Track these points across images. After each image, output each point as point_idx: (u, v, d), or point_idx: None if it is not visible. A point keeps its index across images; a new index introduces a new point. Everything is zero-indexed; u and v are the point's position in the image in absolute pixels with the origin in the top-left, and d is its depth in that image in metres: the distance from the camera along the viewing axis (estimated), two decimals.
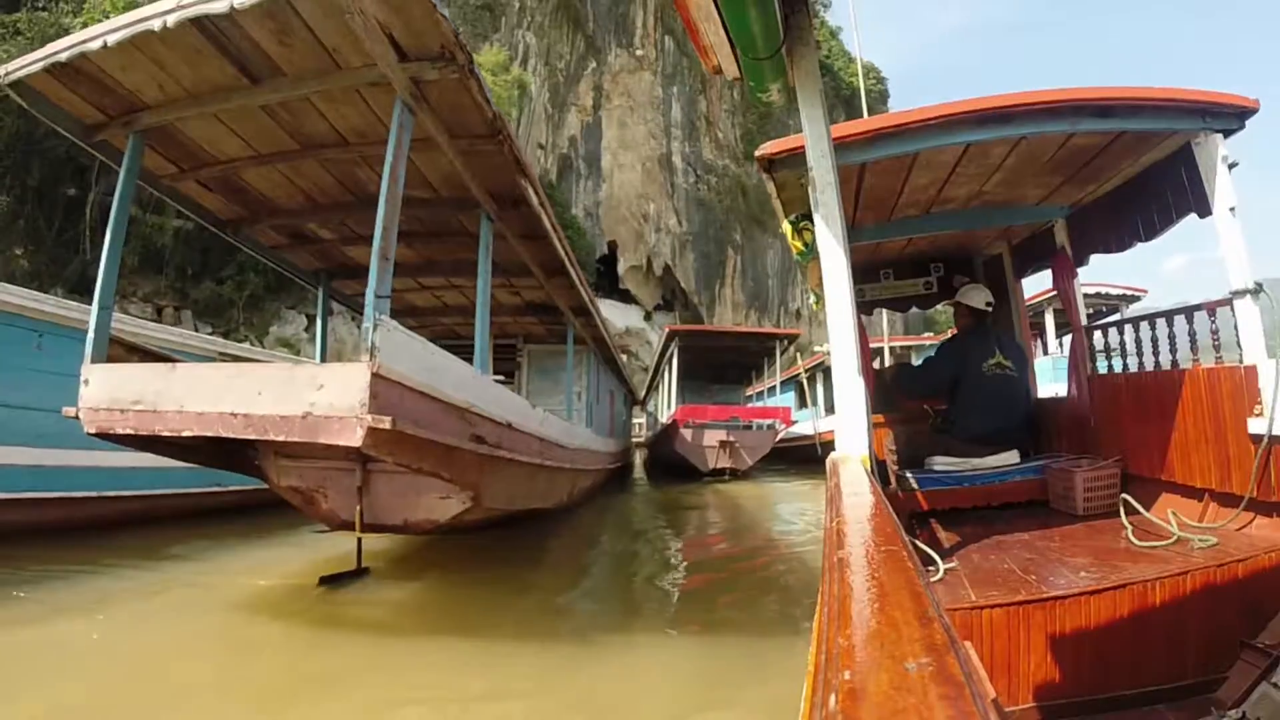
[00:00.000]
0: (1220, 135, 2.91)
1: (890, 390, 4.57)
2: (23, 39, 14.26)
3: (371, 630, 3.41)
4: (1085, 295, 9.73)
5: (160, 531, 5.48)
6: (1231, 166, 2.91)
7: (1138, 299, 11.89)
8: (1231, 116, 2.91)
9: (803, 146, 2.22)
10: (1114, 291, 11.68)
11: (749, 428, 12.61)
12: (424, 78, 3.28)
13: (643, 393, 18.94)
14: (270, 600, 3.79)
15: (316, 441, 2.87)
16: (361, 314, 7.72)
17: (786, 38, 2.14)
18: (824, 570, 0.88)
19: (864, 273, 5.05)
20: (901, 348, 14.55)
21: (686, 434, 12.06)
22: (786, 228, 3.33)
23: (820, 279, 2.19)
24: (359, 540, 4.14)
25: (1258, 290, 2.82)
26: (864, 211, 3.93)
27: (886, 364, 10.04)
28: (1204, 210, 2.99)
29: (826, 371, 14.89)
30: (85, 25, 13.92)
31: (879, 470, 2.57)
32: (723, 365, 16.39)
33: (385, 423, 2.77)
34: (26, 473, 4.81)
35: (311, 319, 18.90)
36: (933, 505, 3.55)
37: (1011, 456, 3.79)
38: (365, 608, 3.78)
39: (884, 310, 6.26)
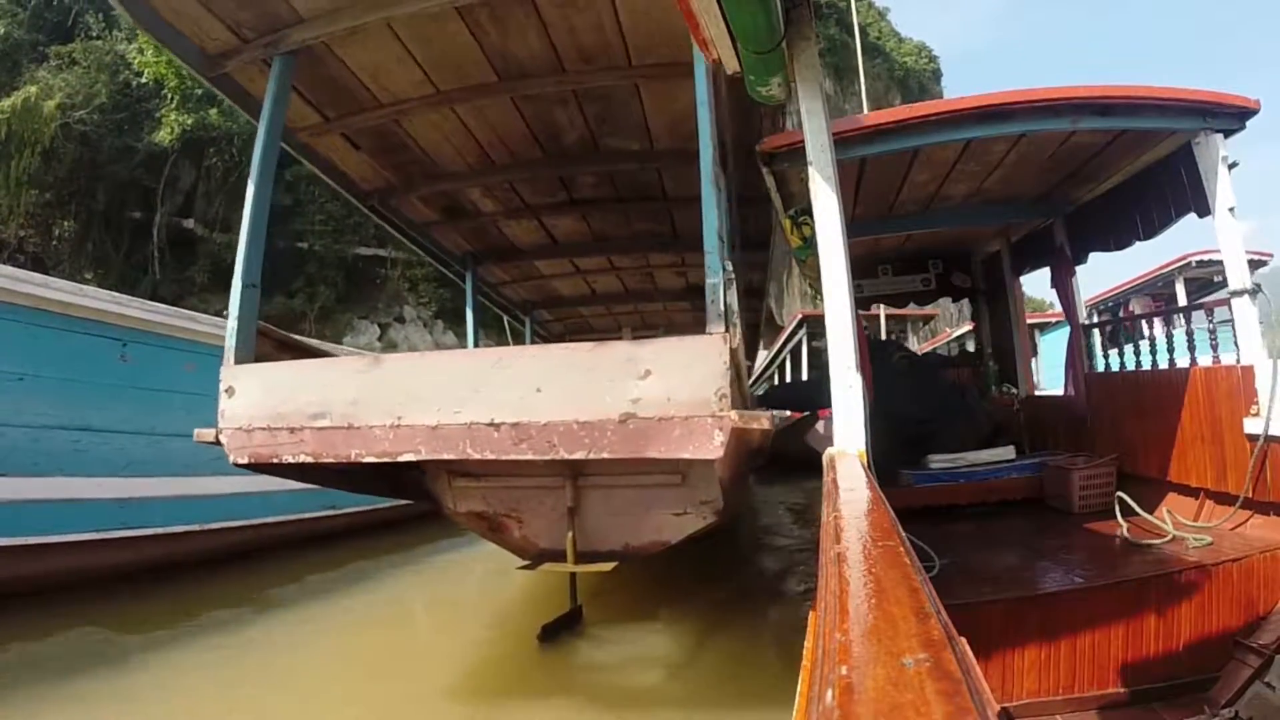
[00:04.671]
0: (1220, 135, 2.91)
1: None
2: (79, 68, 14.48)
3: (650, 706, 2.59)
4: (1202, 263, 9.04)
5: (282, 564, 4.70)
6: (1231, 167, 2.90)
7: (1264, 264, 9.84)
8: (1232, 117, 2.91)
9: (802, 141, 2.21)
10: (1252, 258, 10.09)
11: None
12: None
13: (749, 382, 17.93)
14: (496, 667, 2.96)
15: (642, 456, 2.02)
16: (501, 308, 7.11)
17: (787, 31, 2.12)
18: (821, 566, 0.87)
19: (863, 268, 5.05)
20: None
21: (820, 426, 11.05)
22: (785, 222, 3.32)
23: (819, 274, 2.19)
24: (573, 576, 3.29)
25: (1256, 291, 2.82)
26: (863, 207, 3.92)
27: None
28: (1203, 210, 2.98)
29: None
30: (141, 51, 14.13)
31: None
32: None
33: (763, 421, 1.99)
34: (115, 507, 4.03)
35: (384, 328, 18.85)
36: (930, 502, 3.56)
37: (1008, 452, 3.80)
38: (610, 674, 2.93)
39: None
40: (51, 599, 3.58)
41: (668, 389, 2.00)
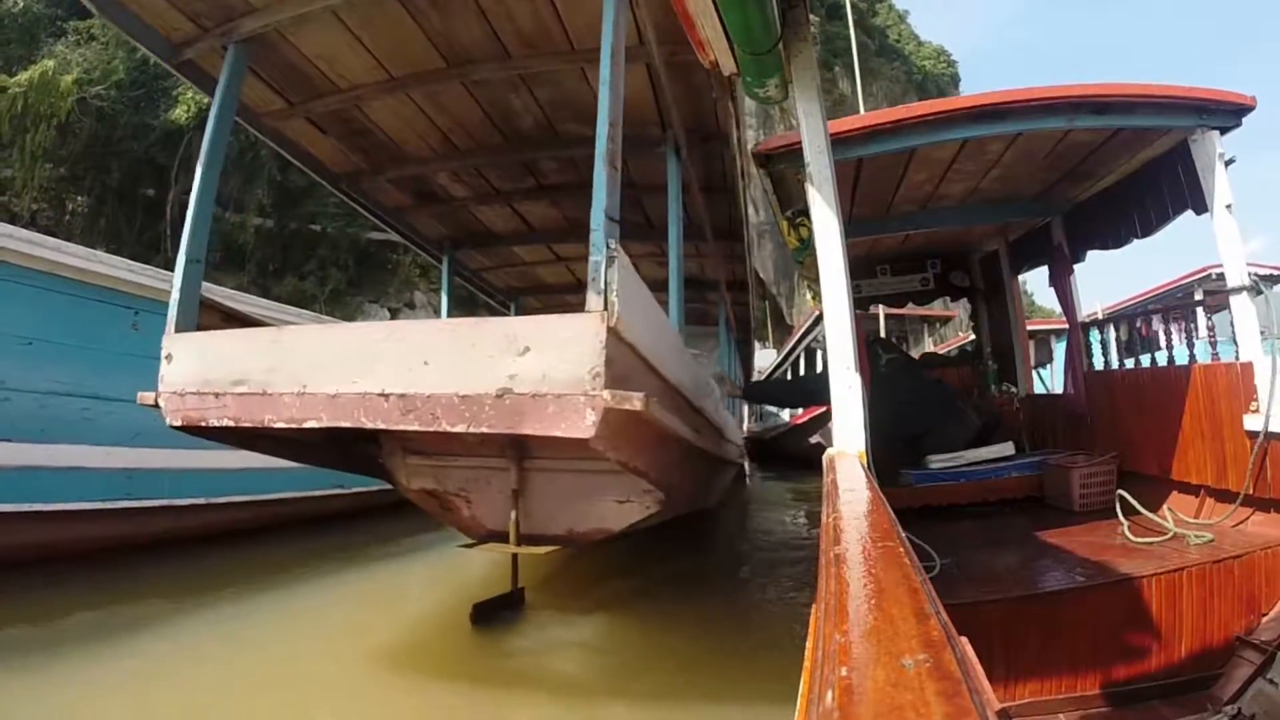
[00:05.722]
0: (1217, 133, 2.91)
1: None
2: (98, 44, 14.53)
3: (562, 692, 2.54)
4: (1223, 275, 8.66)
5: (275, 544, 4.66)
6: (1229, 163, 2.91)
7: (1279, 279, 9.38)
8: (1228, 114, 2.92)
9: (800, 142, 2.21)
10: (1262, 271, 8.75)
11: None
12: None
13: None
14: (418, 644, 2.97)
15: (517, 432, 2.05)
16: (487, 294, 7.17)
17: (784, 32, 2.13)
18: (821, 566, 0.87)
19: (861, 268, 5.05)
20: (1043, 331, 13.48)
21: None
22: (783, 223, 3.32)
23: (817, 274, 2.18)
24: (514, 558, 3.31)
25: (1254, 287, 2.82)
26: (861, 207, 3.93)
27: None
28: (1201, 207, 2.99)
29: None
30: None
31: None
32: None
33: (634, 402, 1.89)
34: (121, 477, 4.01)
35: (394, 313, 18.72)
36: (930, 501, 3.56)
37: (1006, 448, 3.79)
38: (541, 656, 2.90)
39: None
40: (48, 571, 3.59)
41: (544, 366, 2.01)
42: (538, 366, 2.01)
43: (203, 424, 2.54)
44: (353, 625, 3.22)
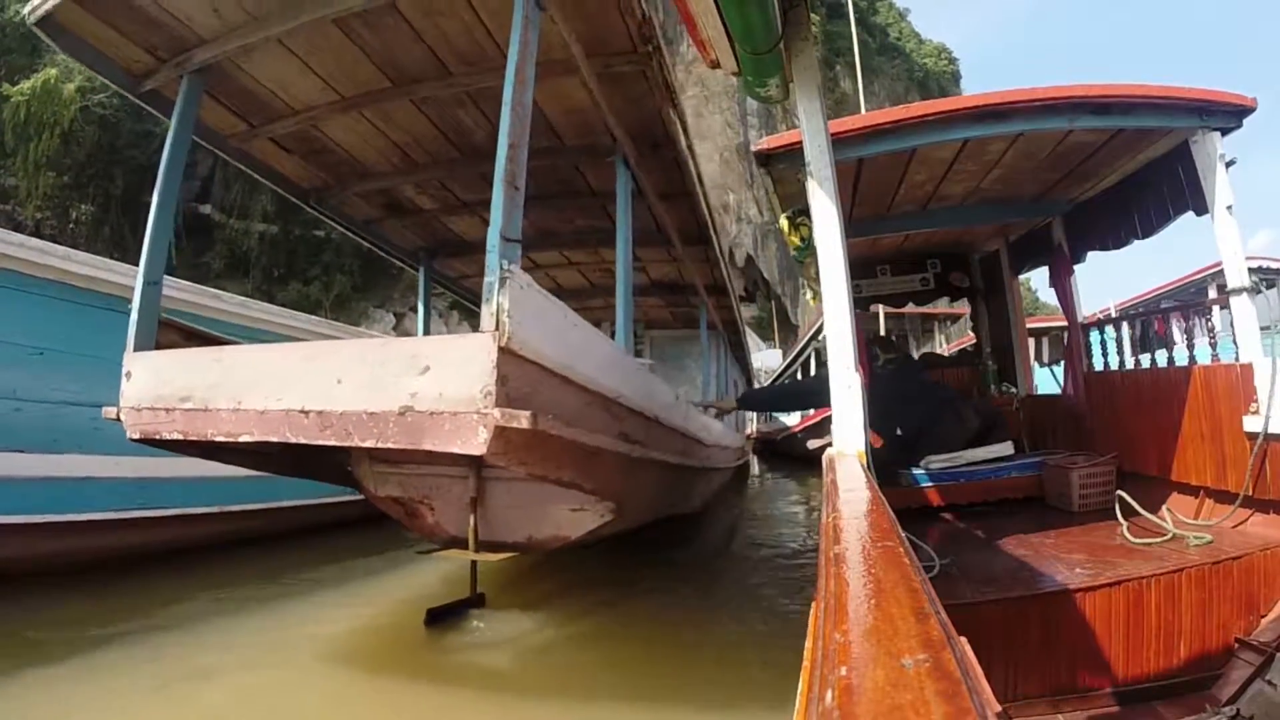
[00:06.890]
0: (1218, 134, 2.91)
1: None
2: None
3: (495, 689, 2.62)
4: (1253, 270, 8.18)
5: (274, 553, 4.68)
6: (1229, 165, 2.91)
7: None
8: (1229, 115, 2.92)
9: (800, 142, 2.21)
10: (1273, 265, 8.68)
11: None
12: None
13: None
14: (368, 644, 3.06)
15: (419, 448, 2.11)
16: (468, 300, 7.00)
17: (785, 32, 2.13)
18: (821, 566, 0.87)
19: (861, 268, 5.05)
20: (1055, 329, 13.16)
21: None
22: (784, 223, 3.32)
23: (817, 274, 2.19)
24: (473, 564, 3.42)
25: (1255, 288, 2.83)
26: (861, 207, 3.92)
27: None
28: (1201, 208, 2.99)
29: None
30: None
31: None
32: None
33: (521, 420, 1.96)
34: (133, 487, 4.03)
35: (400, 317, 18.60)
36: (929, 502, 3.56)
37: (1006, 448, 3.79)
38: (483, 653, 3.00)
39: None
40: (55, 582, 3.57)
41: (441, 385, 2.09)
42: (436, 385, 2.10)
43: (158, 437, 2.71)
44: (322, 626, 3.25)
